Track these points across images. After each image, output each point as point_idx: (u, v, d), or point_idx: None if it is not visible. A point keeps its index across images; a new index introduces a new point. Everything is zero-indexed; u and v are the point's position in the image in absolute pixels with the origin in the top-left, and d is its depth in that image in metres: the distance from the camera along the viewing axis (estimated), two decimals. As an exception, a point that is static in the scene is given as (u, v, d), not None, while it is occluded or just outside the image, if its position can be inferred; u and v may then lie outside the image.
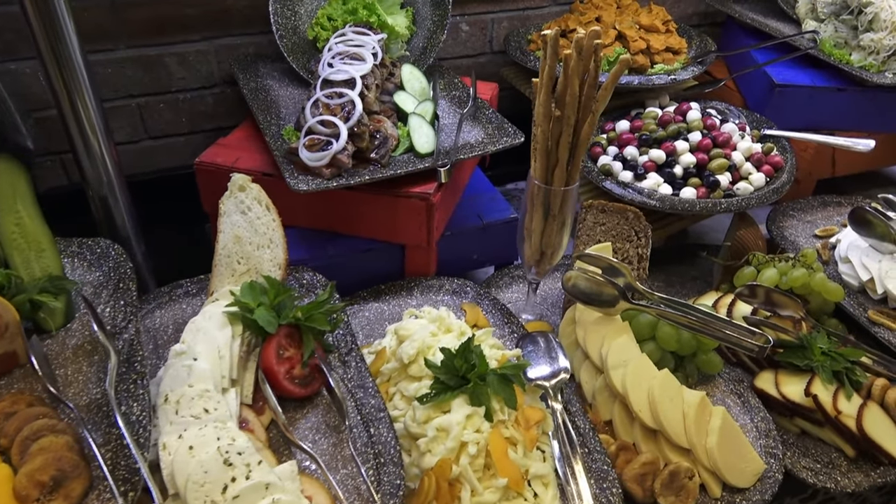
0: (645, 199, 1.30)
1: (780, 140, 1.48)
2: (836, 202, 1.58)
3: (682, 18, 1.98)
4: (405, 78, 1.30)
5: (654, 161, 1.36)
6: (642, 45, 1.55)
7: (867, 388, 1.14)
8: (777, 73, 1.60)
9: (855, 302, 1.28)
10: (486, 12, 1.75)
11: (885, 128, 1.60)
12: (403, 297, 1.20)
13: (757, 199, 1.32)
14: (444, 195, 1.20)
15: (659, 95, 1.59)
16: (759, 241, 1.35)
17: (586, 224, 1.21)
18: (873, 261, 1.30)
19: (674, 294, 1.38)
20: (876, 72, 1.52)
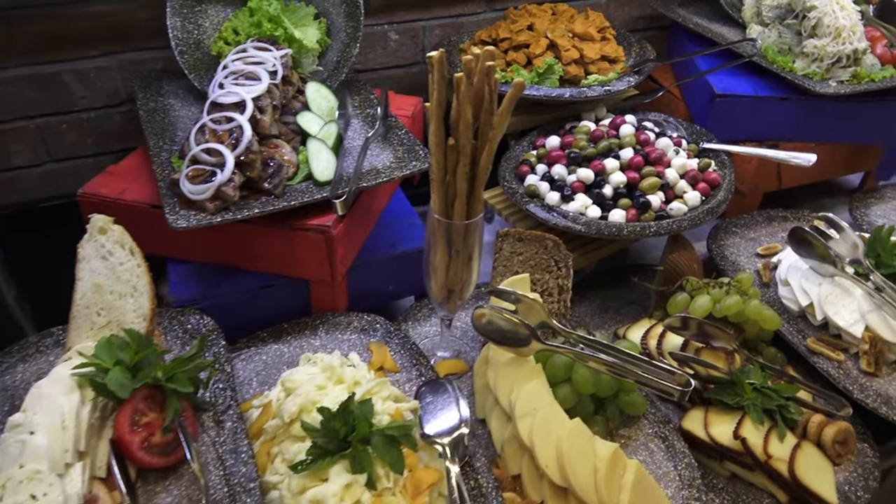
0: (570, 223, 1.21)
1: (720, 154, 1.41)
2: (782, 217, 1.50)
3: (628, 23, 1.90)
4: (310, 97, 1.20)
5: (582, 181, 1.27)
6: (575, 54, 1.47)
7: (803, 426, 1.06)
8: (718, 81, 1.52)
9: (794, 329, 1.21)
10: (417, 20, 1.65)
11: (831, 138, 1.53)
12: (307, 337, 1.11)
13: (689, 220, 1.24)
14: (351, 225, 1.11)
15: (596, 107, 1.51)
16: (693, 263, 1.27)
17: (502, 254, 1.12)
18: (813, 284, 1.22)
19: (608, 320, 1.30)
20: (819, 80, 1.45)
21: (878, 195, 1.58)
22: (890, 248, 1.21)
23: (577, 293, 1.34)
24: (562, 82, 1.46)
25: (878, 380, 1.13)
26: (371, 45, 1.63)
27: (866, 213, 1.52)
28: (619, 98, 1.57)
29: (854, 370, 1.14)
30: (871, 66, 1.45)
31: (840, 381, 1.11)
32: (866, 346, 1.14)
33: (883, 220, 1.51)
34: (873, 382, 1.12)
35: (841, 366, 1.14)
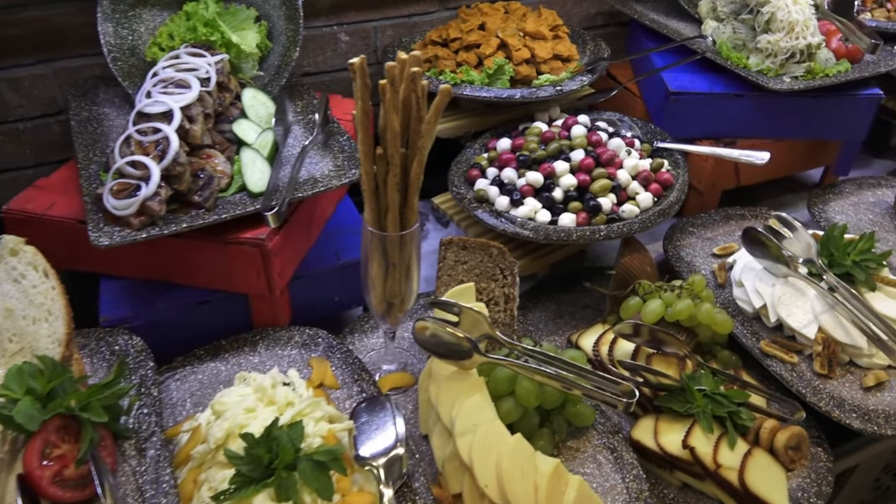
0: (518, 229, 1.18)
1: (674, 153, 1.38)
2: (740, 215, 1.48)
3: (586, 20, 1.87)
4: (247, 104, 1.16)
5: (531, 185, 1.24)
6: (526, 53, 1.43)
7: (755, 432, 1.04)
8: (674, 79, 1.49)
9: (749, 331, 1.19)
10: (368, 20, 1.61)
11: (788, 134, 1.51)
12: (246, 354, 1.07)
13: (641, 223, 1.21)
14: (289, 236, 1.07)
15: (550, 107, 1.48)
16: (647, 266, 1.24)
17: (447, 263, 1.09)
18: (767, 285, 1.20)
19: (562, 326, 1.28)
20: (774, 76, 1.43)
21: (837, 191, 1.56)
22: (843, 247, 1.19)
23: (532, 298, 1.32)
24: (513, 83, 1.43)
25: (832, 381, 1.11)
26: (321, 46, 1.59)
27: (824, 210, 1.50)
28: (574, 97, 1.55)
29: (808, 372, 1.12)
30: (825, 60, 1.44)
31: (793, 383, 1.09)
32: (819, 347, 1.12)
33: (841, 216, 1.49)
34: (827, 385, 1.10)
35: (794, 368, 1.12)
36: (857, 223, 1.48)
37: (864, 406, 1.07)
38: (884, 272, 1.22)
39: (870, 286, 1.18)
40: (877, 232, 1.45)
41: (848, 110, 1.47)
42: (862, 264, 1.17)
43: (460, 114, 1.47)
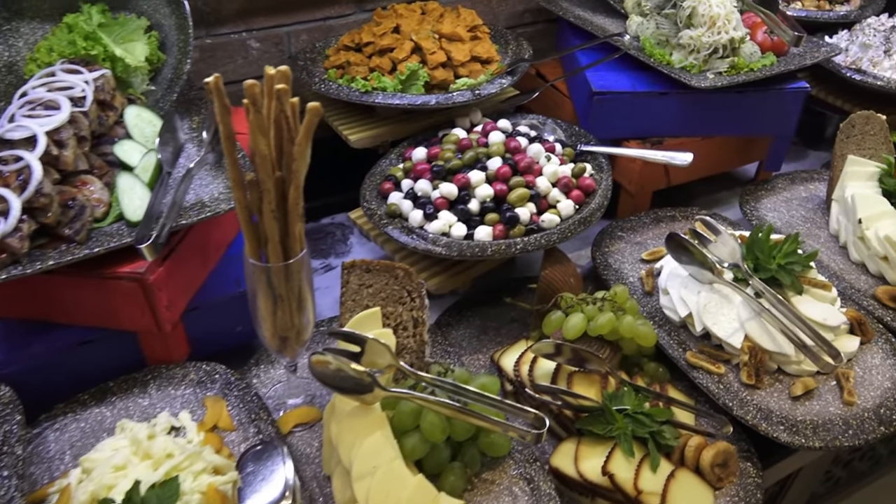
0: (430, 245, 1.11)
1: (598, 157, 1.33)
2: (670, 216, 1.44)
3: (513, 17, 1.81)
4: (130, 123, 1.07)
5: (445, 197, 1.18)
6: (442, 57, 1.37)
7: (680, 451, 0.99)
8: (598, 78, 1.44)
9: (675, 341, 1.14)
10: (279, 25, 1.53)
11: (716, 131, 1.47)
12: (135, 397, 0.99)
13: (560, 233, 1.15)
14: (178, 266, 0.99)
15: (471, 112, 1.41)
16: (570, 278, 1.19)
17: (350, 287, 1.02)
18: (692, 293, 1.16)
19: (487, 343, 1.22)
20: (697, 72, 1.38)
21: (769, 187, 1.53)
22: (768, 250, 1.15)
23: (455, 314, 1.25)
24: (429, 88, 1.36)
25: (760, 392, 1.07)
26: (230, 55, 1.51)
27: (756, 208, 1.47)
28: (497, 100, 1.48)
29: (735, 383, 1.08)
30: (750, 54, 1.40)
31: (720, 396, 1.05)
32: (746, 356, 1.07)
33: (773, 213, 1.46)
34: (754, 395, 1.06)
35: (721, 379, 1.08)
36: (789, 220, 1.44)
37: (792, 417, 1.03)
38: (811, 274, 1.18)
39: (797, 289, 1.14)
40: (809, 228, 1.43)
41: (775, 105, 1.43)
42: (787, 267, 1.13)
43: (377, 122, 1.40)
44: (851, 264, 1.32)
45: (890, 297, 1.22)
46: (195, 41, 1.44)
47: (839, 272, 1.30)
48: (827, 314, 1.11)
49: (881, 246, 1.26)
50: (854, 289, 1.26)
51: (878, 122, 1.40)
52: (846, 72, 1.61)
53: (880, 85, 1.56)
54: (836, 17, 1.78)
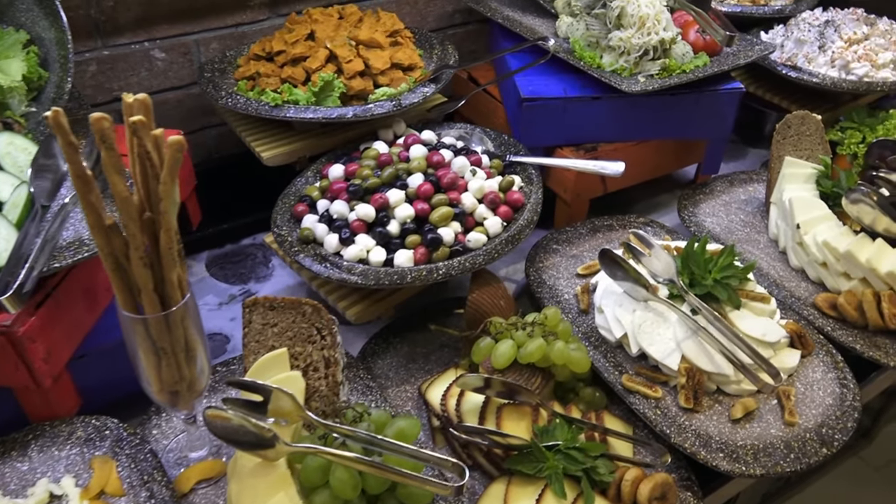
0: (344, 274, 1.03)
1: (528, 168, 1.26)
2: (607, 225, 1.38)
3: (443, 18, 1.73)
4: (1, 152, 0.96)
5: (362, 219, 1.09)
6: (360, 65, 1.28)
7: (616, 486, 0.93)
8: (527, 83, 1.37)
9: (612, 363, 1.08)
10: (186, 33, 1.42)
11: (651, 135, 1.41)
12: (13, 461, 0.88)
13: (486, 254, 1.08)
14: (56, 313, 0.89)
15: (393, 123, 1.33)
16: (500, 301, 1.12)
17: (253, 328, 0.93)
18: (627, 311, 1.10)
19: (416, 371, 1.14)
20: (628, 75, 1.32)
21: (708, 190, 1.48)
22: (704, 263, 1.10)
23: (381, 342, 1.17)
24: (347, 98, 1.27)
25: (699, 416, 1.01)
26: (132, 67, 1.39)
27: (695, 213, 1.42)
28: (422, 109, 1.40)
29: (673, 407, 1.02)
30: (682, 55, 1.34)
31: (657, 423, 0.99)
32: (683, 379, 1.02)
33: (712, 218, 1.41)
34: (693, 420, 1.01)
35: (659, 404, 1.02)
36: (728, 225, 1.40)
37: (732, 442, 0.98)
38: (749, 286, 1.13)
39: (734, 304, 1.08)
40: (748, 233, 1.38)
41: (709, 107, 1.38)
42: (723, 282, 1.08)
43: (294, 136, 1.30)
44: (791, 271, 1.28)
45: (830, 305, 1.18)
46: (91, 53, 1.33)
47: (779, 280, 1.26)
48: (766, 329, 1.06)
49: (819, 252, 1.22)
50: (794, 297, 1.21)
51: (814, 122, 1.36)
52: (782, 69, 1.58)
53: (815, 82, 1.53)
54: (771, 13, 1.75)
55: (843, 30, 1.61)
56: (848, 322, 1.17)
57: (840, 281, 1.21)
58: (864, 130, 1.53)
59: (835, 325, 1.16)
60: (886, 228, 1.21)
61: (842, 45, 1.58)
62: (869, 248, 1.18)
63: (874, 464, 2.51)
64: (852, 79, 1.54)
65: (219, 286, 1.35)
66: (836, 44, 1.58)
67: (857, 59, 1.55)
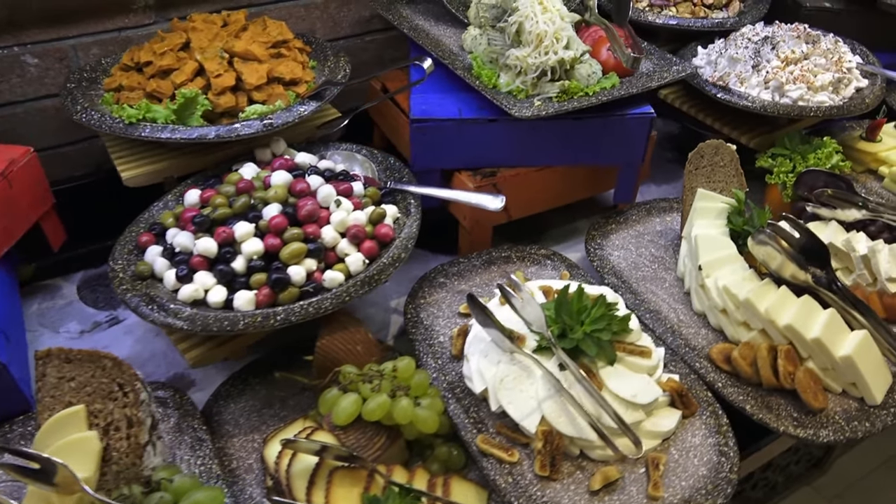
0: (170, 319, 0.94)
1: (408, 198, 1.16)
2: (505, 257, 1.28)
3: (360, 24, 1.63)
4: None
5: (203, 255, 1.00)
6: (230, 80, 1.18)
7: (451, 565, 0.84)
8: (420, 102, 1.27)
9: (474, 419, 0.98)
10: (61, 38, 1.32)
11: (553, 161, 1.30)
12: None
13: (335, 298, 0.98)
14: None
15: (271, 143, 1.23)
16: (356, 346, 1.02)
17: (47, 381, 0.84)
18: (492, 363, 1.00)
19: (271, 418, 1.05)
20: (524, 97, 1.22)
21: (622, 219, 1.38)
22: (576, 313, 1.00)
23: (240, 383, 1.08)
24: (217, 115, 1.17)
25: (555, 485, 0.92)
26: (1, 73, 1.30)
27: (602, 245, 1.32)
28: (311, 127, 1.30)
29: (529, 474, 0.93)
30: (587, 76, 1.23)
31: (506, 491, 0.90)
32: (540, 444, 0.92)
33: (620, 251, 1.31)
34: (547, 490, 0.91)
35: (513, 469, 0.93)
36: (636, 260, 1.29)
37: (586, 518, 0.89)
38: (632, 336, 1.04)
39: (608, 359, 0.99)
40: (656, 269, 1.28)
41: (617, 133, 1.28)
42: (595, 335, 0.98)
43: (162, 154, 1.21)
44: (693, 316, 1.18)
45: (724, 357, 1.08)
46: (-51, 58, 1.24)
47: (677, 325, 1.16)
48: (638, 389, 0.97)
49: (720, 297, 1.12)
50: (689, 347, 1.11)
51: (728, 152, 1.26)
52: (711, 89, 1.47)
53: (744, 105, 1.42)
54: (710, 25, 1.63)
55: (781, 48, 1.50)
56: (742, 378, 1.07)
57: (740, 331, 1.11)
58: (795, 158, 1.42)
59: (727, 382, 1.06)
60: (793, 275, 1.11)
61: (777, 64, 1.46)
62: (771, 296, 1.08)
63: (827, 494, 2.42)
64: (786, 102, 1.43)
65: (85, 311, 1.27)
66: (771, 63, 1.47)
67: (793, 80, 1.44)
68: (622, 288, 1.21)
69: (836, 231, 1.31)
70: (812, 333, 1.03)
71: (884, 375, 1.05)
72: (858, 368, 1.01)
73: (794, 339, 1.05)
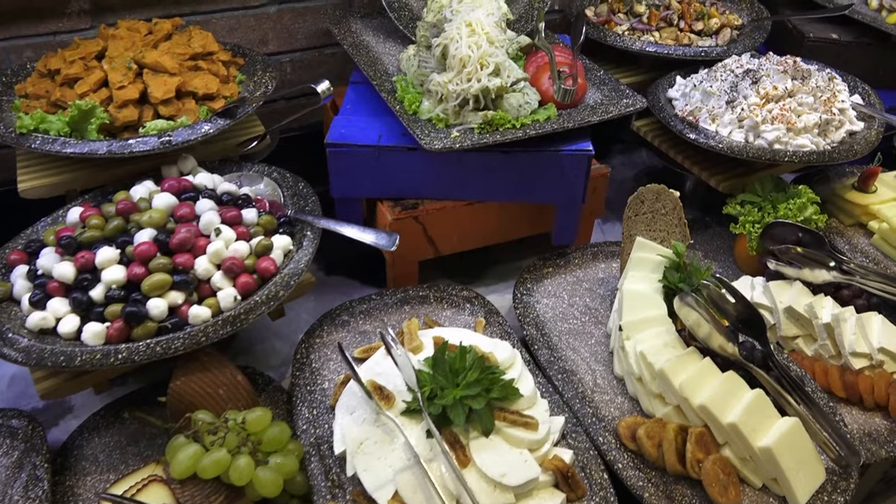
0: (5, 349, 0.87)
1: (305, 230, 1.07)
2: (421, 297, 1.18)
3: (315, 36, 1.56)
4: None
5: (60, 280, 0.93)
6: (133, 92, 1.12)
7: None
8: (342, 125, 1.19)
9: (331, 483, 0.89)
10: (-10, 39, 1.29)
11: (481, 196, 1.20)
12: None
13: (188, 338, 0.90)
14: None
15: (179, 159, 1.16)
16: (218, 389, 0.94)
17: None
18: (356, 422, 0.91)
19: (130, 456, 0.98)
20: (444, 126, 1.12)
21: (562, 262, 1.27)
22: (452, 374, 0.89)
23: (110, 415, 1.02)
24: (118, 129, 1.12)
25: (401, 569, 0.82)
26: (-71, 74, 1.27)
27: (532, 291, 1.21)
28: (231, 145, 1.23)
29: (376, 553, 0.83)
30: (519, 106, 1.12)
31: (346, 573, 0.80)
32: (388, 522, 0.82)
33: (550, 300, 1.20)
34: (390, 575, 0.81)
35: (359, 547, 0.83)
36: (565, 310, 1.18)
37: None
38: (519, 403, 0.92)
39: (483, 429, 0.88)
40: (583, 323, 1.16)
41: (550, 170, 1.16)
42: (464, 402, 0.87)
43: (67, 166, 1.16)
44: (612, 380, 1.06)
45: (631, 434, 0.95)
46: None
47: (590, 390, 1.03)
48: (511, 468, 0.85)
49: (637, 364, 0.99)
50: (597, 416, 0.99)
51: (671, 199, 1.12)
52: (676, 124, 1.33)
53: (709, 145, 1.28)
54: (692, 54, 1.50)
55: (763, 83, 1.35)
56: (647, 460, 0.94)
57: (655, 404, 0.98)
58: (765, 207, 1.28)
59: (629, 462, 0.93)
60: (721, 346, 0.98)
61: (755, 101, 1.32)
62: (690, 368, 0.95)
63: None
64: (760, 144, 1.28)
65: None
66: (749, 99, 1.32)
67: (771, 119, 1.29)
68: (539, 342, 1.09)
69: (799, 293, 1.16)
70: (728, 417, 0.89)
71: (814, 472, 0.91)
72: (779, 462, 0.87)
73: (710, 422, 0.92)
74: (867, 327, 1.11)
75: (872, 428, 1.05)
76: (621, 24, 1.57)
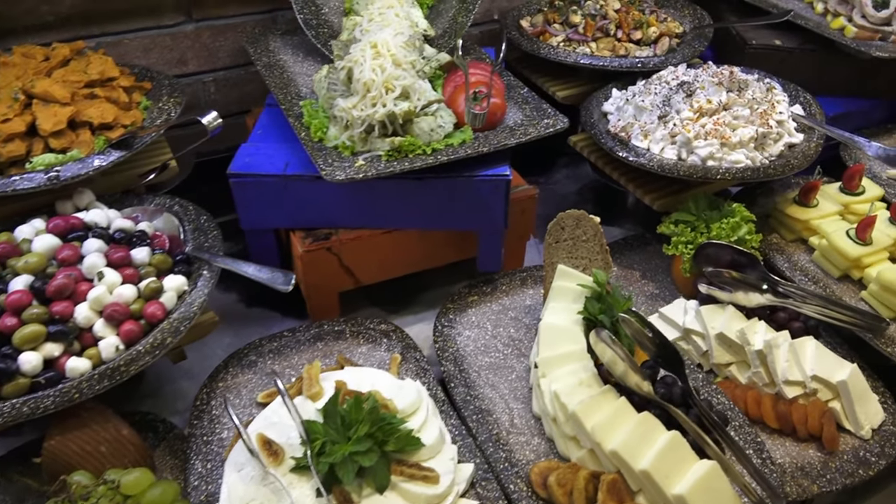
0: None
1: (202, 269, 1.01)
2: (337, 331, 1.12)
3: (239, 55, 1.50)
4: None
5: (-77, 335, 0.87)
6: (20, 125, 1.05)
7: None
8: (249, 153, 1.13)
9: (219, 545, 0.83)
10: None
11: (399, 223, 1.14)
12: None
13: (59, 396, 0.84)
14: None
15: (74, 194, 1.10)
16: (100, 446, 0.88)
17: None
18: (243, 480, 0.85)
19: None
20: (350, 154, 1.06)
21: (488, 289, 1.21)
22: (344, 427, 0.83)
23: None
24: (2, 166, 1.05)
25: None
26: None
27: (454, 322, 1.15)
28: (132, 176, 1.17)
29: None
30: (430, 131, 1.07)
31: None
32: (270, 592, 0.77)
33: (472, 331, 1.14)
34: None
35: None
36: (488, 343, 1.12)
37: None
38: (421, 453, 0.86)
39: (378, 485, 0.82)
40: (505, 357, 1.11)
41: (466, 196, 1.11)
42: (355, 458, 0.81)
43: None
44: (531, 419, 1.00)
45: (543, 480, 0.90)
46: None
47: (506, 432, 0.98)
48: (404, 528, 0.80)
49: (551, 403, 0.94)
50: (511, 461, 0.94)
51: (592, 225, 1.07)
52: (606, 141, 1.28)
53: (639, 163, 1.23)
54: (627, 66, 1.44)
55: (697, 96, 1.30)
56: (559, 509, 0.88)
57: (570, 447, 0.93)
58: (699, 226, 1.23)
59: (540, 512, 0.88)
60: (637, 384, 0.92)
61: (688, 115, 1.27)
62: (605, 409, 0.90)
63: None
64: (692, 161, 1.23)
65: None
66: (681, 114, 1.27)
67: (704, 135, 1.24)
68: (456, 379, 1.04)
69: (731, 318, 1.11)
70: (641, 464, 0.84)
71: (734, 519, 0.86)
72: (693, 512, 0.82)
73: (622, 468, 0.86)
74: (800, 354, 1.06)
75: (805, 461, 1.00)
76: (557, 34, 1.51)
